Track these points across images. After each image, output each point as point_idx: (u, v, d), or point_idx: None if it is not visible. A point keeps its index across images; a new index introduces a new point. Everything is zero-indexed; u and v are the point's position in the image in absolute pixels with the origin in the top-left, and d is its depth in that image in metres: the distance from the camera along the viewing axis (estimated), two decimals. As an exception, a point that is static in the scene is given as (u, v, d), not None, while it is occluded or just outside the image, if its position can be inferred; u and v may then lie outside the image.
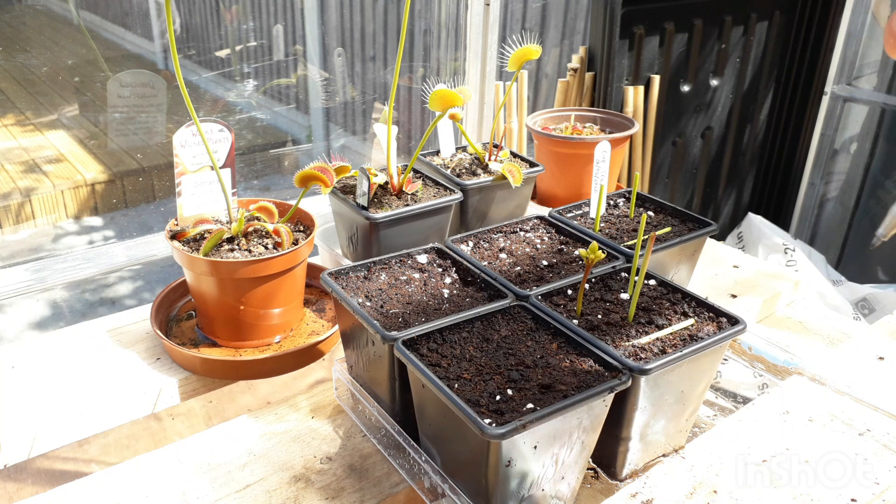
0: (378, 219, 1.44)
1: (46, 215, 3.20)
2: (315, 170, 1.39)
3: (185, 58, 4.02)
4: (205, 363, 1.36)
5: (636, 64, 2.60)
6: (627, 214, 1.55)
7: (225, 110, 3.78)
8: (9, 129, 3.40)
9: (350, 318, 1.16)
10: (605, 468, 1.12)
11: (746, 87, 3.06)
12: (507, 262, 1.33)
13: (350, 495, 1.08)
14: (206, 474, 1.11)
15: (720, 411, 1.32)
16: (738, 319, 1.11)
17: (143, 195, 3.45)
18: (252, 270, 1.30)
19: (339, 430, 1.22)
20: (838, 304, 2.65)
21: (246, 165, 3.67)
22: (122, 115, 2.81)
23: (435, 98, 1.45)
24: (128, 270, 3.29)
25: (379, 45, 3.92)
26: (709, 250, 1.85)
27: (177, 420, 1.27)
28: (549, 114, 2.16)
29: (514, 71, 1.65)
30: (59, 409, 1.27)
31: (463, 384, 0.97)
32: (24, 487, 1.12)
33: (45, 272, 1.69)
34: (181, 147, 1.34)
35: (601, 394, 0.95)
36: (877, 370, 1.34)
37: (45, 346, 1.44)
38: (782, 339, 1.54)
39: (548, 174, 2.00)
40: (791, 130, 3.26)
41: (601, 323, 1.11)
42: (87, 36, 3.44)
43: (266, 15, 4.06)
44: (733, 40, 2.88)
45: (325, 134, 4.11)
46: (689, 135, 2.97)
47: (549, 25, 3.70)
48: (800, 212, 3.34)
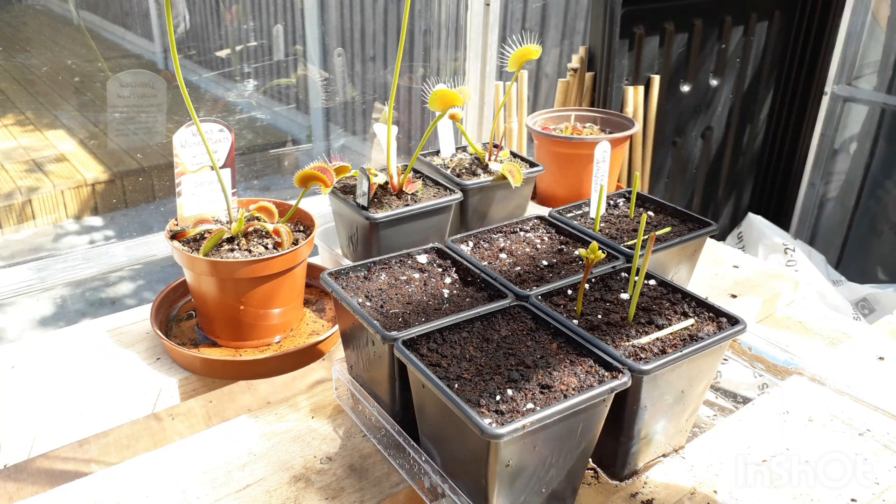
0: (378, 219, 1.44)
1: (47, 215, 3.20)
2: (315, 170, 1.39)
3: (185, 58, 4.02)
4: (205, 363, 1.36)
5: (636, 64, 2.60)
6: (627, 214, 1.55)
7: (225, 110, 3.78)
8: (9, 129, 3.40)
9: (350, 318, 1.16)
10: (605, 468, 1.12)
11: (746, 87, 3.06)
12: (507, 262, 1.33)
13: (350, 495, 1.08)
14: (206, 474, 1.11)
15: (720, 411, 1.32)
16: (738, 319, 1.11)
17: (143, 195, 3.45)
18: (252, 270, 1.30)
19: (339, 430, 1.22)
20: (838, 304, 2.65)
21: (246, 165, 3.67)
22: (122, 115, 2.81)
23: (435, 98, 1.45)
24: (128, 270, 3.29)
25: (379, 45, 3.92)
26: (709, 250, 1.85)
27: (177, 420, 1.27)
28: (549, 114, 2.16)
29: (514, 71, 1.65)
30: (59, 409, 1.28)
31: (463, 384, 0.97)
32: (24, 487, 1.12)
33: (45, 272, 1.69)
34: (181, 147, 1.34)
35: (601, 394, 0.95)
36: (877, 370, 1.34)
37: (46, 345, 1.44)
38: (782, 339, 1.54)
39: (548, 174, 2.00)
40: (791, 130, 3.26)
41: (601, 323, 1.11)
42: (87, 36, 3.44)
43: (266, 15, 4.06)
44: (733, 40, 2.88)
45: (325, 134, 4.11)
46: (689, 135, 2.97)
47: (549, 25, 3.70)
48: (800, 212, 3.34)
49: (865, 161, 3.22)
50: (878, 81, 3.17)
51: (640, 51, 2.58)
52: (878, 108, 3.15)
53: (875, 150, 3.20)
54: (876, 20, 3.07)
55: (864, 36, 3.08)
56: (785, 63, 3.14)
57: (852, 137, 3.25)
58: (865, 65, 3.15)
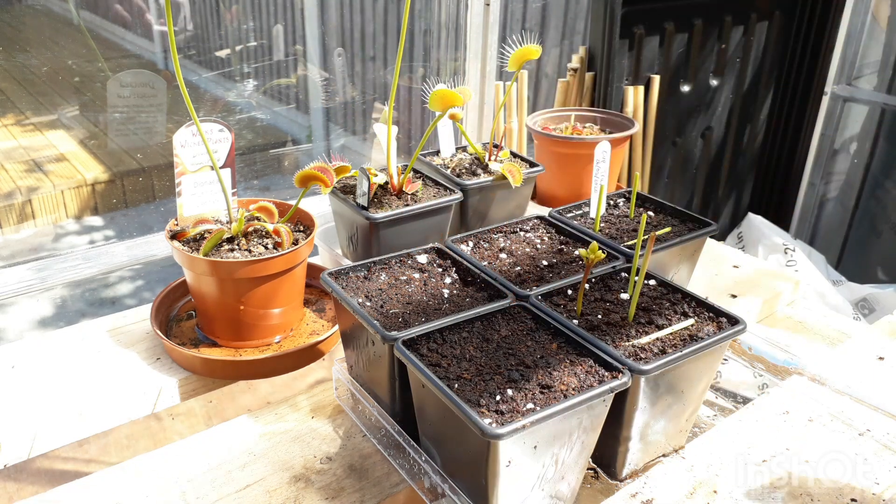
0: (378, 219, 1.44)
1: (47, 215, 3.20)
2: (315, 170, 1.39)
3: (185, 58, 4.02)
4: (205, 363, 1.36)
5: (636, 64, 2.60)
6: (627, 214, 1.55)
7: (225, 110, 3.78)
8: (9, 129, 3.40)
9: (350, 318, 1.16)
10: (605, 468, 1.12)
11: (746, 87, 3.06)
12: (507, 262, 1.33)
13: (350, 495, 1.08)
14: (206, 474, 1.11)
15: (720, 411, 1.32)
16: (738, 319, 1.11)
17: (143, 195, 3.45)
18: (252, 270, 1.30)
19: (339, 430, 1.22)
20: (838, 304, 2.65)
21: (246, 165, 3.67)
22: (122, 115, 2.81)
23: (435, 98, 1.45)
24: (128, 270, 3.29)
25: (379, 45, 3.92)
26: (709, 250, 1.85)
27: (177, 420, 1.27)
28: (549, 114, 2.16)
29: (514, 71, 1.65)
30: (59, 409, 1.27)
31: (463, 384, 0.97)
32: (24, 487, 1.12)
33: (45, 272, 1.69)
34: (181, 147, 1.34)
35: (601, 394, 0.95)
36: (877, 370, 1.34)
37: (45, 345, 1.44)
38: (782, 339, 1.54)
39: (548, 174, 1.99)
40: (791, 130, 3.26)
41: (601, 323, 1.11)
42: (87, 36, 3.43)
43: (266, 15, 4.06)
44: (733, 40, 2.88)
45: (325, 134, 4.11)
46: (689, 135, 2.97)
47: (549, 25, 3.70)
48: (800, 212, 3.34)
49: (865, 161, 3.22)
50: (878, 81, 3.17)
51: (640, 51, 2.58)
52: (878, 108, 3.15)
53: (875, 150, 3.20)
54: (876, 20, 3.07)
55: (864, 36, 3.08)
56: (785, 63, 3.14)
57: (852, 137, 3.26)
58: (865, 65, 3.15)
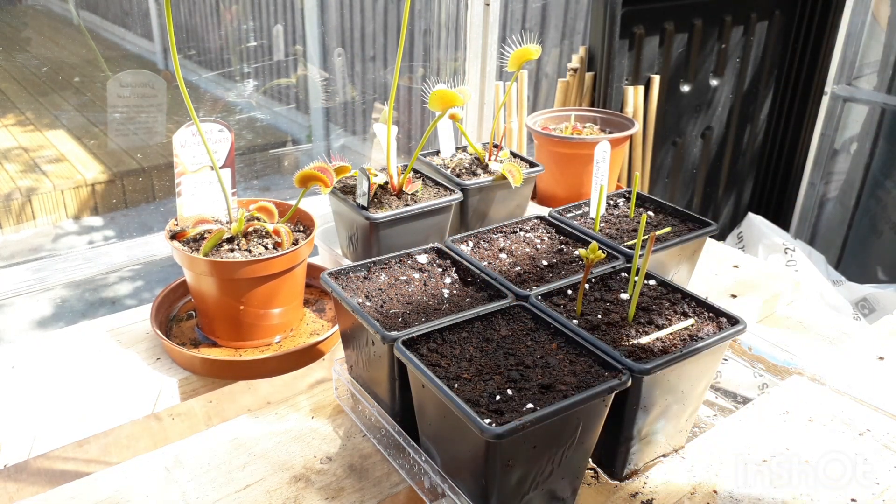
0: (378, 219, 1.44)
1: (47, 215, 3.20)
2: (315, 170, 1.39)
3: (185, 58, 4.02)
4: (205, 363, 1.36)
5: (636, 64, 2.60)
6: (627, 214, 1.55)
7: (225, 110, 3.78)
8: (9, 129, 3.40)
9: (350, 318, 1.16)
10: (605, 468, 1.12)
11: (746, 87, 3.06)
12: (507, 262, 1.33)
13: (350, 495, 1.08)
14: (206, 474, 1.11)
15: (720, 411, 1.32)
16: (738, 319, 1.11)
17: (143, 195, 3.45)
18: (252, 270, 1.30)
19: (339, 430, 1.22)
20: (838, 304, 2.65)
21: (246, 165, 3.67)
22: (122, 115, 2.81)
23: (435, 98, 1.45)
24: (128, 270, 3.29)
25: (379, 45, 3.92)
26: (709, 250, 1.85)
27: (177, 420, 1.27)
28: (549, 114, 2.16)
29: (514, 71, 1.65)
30: (59, 409, 1.27)
31: (463, 384, 0.97)
32: (24, 487, 1.12)
33: (45, 272, 1.69)
34: (181, 147, 1.34)
35: (601, 394, 0.95)
36: (877, 370, 1.34)
37: (45, 346, 1.44)
38: (782, 339, 1.54)
39: (548, 174, 2.00)
40: (791, 130, 3.26)
41: (601, 323, 1.11)
42: (87, 36, 3.44)
43: (266, 15, 4.06)
44: (733, 40, 2.88)
45: (325, 134, 4.11)
46: (689, 135, 2.97)
47: (549, 25, 3.70)
48: (800, 212, 3.34)
49: (865, 161, 3.22)
50: (878, 81, 3.17)
51: (640, 51, 2.58)
52: (878, 108, 3.15)
53: (875, 150, 3.20)
54: (876, 20, 3.07)
55: (864, 36, 3.08)
56: (785, 63, 3.14)
57: (852, 137, 3.25)
58: (865, 65, 3.15)
